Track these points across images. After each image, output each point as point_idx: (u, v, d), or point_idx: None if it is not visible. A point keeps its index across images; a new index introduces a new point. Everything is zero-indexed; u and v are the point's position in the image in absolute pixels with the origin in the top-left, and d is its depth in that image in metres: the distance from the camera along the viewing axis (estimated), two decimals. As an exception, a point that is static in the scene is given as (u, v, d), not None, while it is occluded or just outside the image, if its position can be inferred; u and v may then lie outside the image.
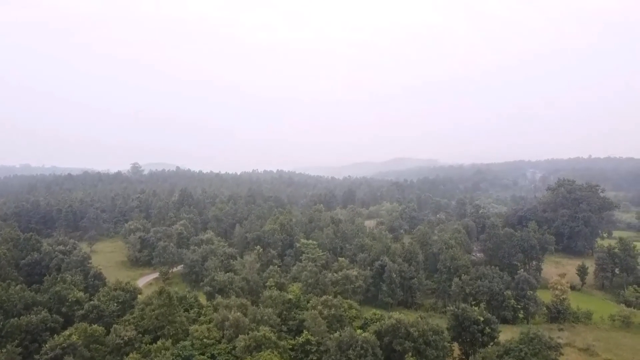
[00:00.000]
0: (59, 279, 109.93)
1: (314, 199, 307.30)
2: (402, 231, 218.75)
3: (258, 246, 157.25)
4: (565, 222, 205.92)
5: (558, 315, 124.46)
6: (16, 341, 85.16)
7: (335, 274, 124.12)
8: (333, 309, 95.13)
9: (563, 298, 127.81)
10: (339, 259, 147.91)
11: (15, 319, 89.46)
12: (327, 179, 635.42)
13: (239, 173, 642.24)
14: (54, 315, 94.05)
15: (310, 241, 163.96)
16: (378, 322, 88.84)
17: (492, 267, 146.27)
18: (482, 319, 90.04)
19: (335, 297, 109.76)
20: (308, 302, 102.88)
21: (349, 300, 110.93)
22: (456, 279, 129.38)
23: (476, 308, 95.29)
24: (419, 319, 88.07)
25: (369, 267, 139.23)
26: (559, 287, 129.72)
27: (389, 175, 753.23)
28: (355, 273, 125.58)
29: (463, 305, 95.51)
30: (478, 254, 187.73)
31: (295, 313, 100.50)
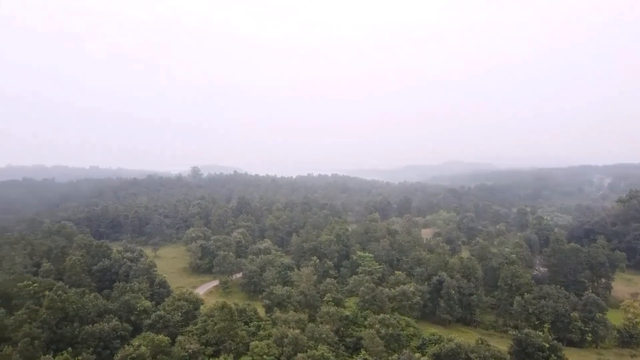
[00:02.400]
0: (127, 288, 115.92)
1: (369, 207, 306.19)
2: (459, 243, 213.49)
3: (314, 257, 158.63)
4: (638, 237, 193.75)
5: (630, 340, 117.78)
6: (90, 348, 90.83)
7: (392, 289, 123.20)
8: (391, 328, 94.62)
9: (636, 322, 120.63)
10: (396, 272, 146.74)
11: (90, 326, 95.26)
12: (382, 183, 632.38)
13: (294, 177, 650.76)
14: (124, 324, 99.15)
15: (367, 253, 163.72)
16: (437, 345, 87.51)
17: (557, 284, 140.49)
18: (547, 345, 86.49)
19: (392, 313, 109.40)
20: (365, 320, 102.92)
21: (406, 317, 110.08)
22: (518, 298, 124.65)
23: (541, 333, 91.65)
24: (480, 343, 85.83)
25: (426, 282, 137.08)
26: (631, 309, 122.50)
27: (443, 180, 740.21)
28: (412, 289, 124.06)
29: (527, 330, 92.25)
30: (541, 269, 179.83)
31: (352, 330, 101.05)
